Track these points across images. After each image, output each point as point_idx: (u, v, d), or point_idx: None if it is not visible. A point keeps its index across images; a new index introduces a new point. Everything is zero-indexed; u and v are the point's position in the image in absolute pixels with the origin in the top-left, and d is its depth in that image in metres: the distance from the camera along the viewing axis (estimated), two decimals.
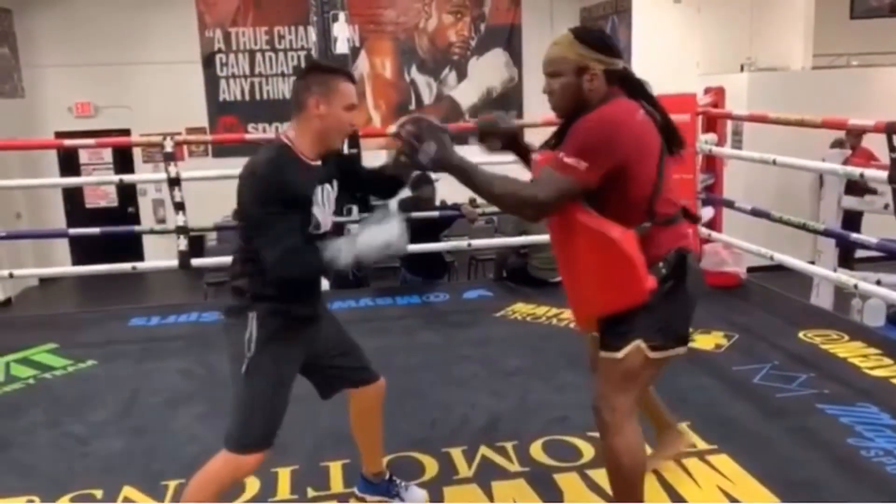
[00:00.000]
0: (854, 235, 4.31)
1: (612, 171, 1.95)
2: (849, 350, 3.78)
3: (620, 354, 2.05)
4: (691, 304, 2.10)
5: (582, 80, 2.02)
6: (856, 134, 7.08)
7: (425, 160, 2.01)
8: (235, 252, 2.23)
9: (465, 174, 2.02)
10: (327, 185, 2.21)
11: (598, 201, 1.99)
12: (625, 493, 2.12)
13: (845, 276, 4.44)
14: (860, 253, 6.90)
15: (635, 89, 2.06)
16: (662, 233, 2.04)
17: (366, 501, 2.59)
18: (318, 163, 2.18)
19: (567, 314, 4.56)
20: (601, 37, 2.08)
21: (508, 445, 2.90)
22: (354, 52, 9.99)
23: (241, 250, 2.20)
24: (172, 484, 2.73)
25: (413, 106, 11.20)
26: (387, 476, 2.59)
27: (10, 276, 5.31)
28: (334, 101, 2.11)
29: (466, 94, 11.40)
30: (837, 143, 7.13)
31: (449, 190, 3.68)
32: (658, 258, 2.02)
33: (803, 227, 4.38)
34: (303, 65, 10.66)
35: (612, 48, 2.05)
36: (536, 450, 2.86)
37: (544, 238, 5.15)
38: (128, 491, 2.70)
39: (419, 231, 5.59)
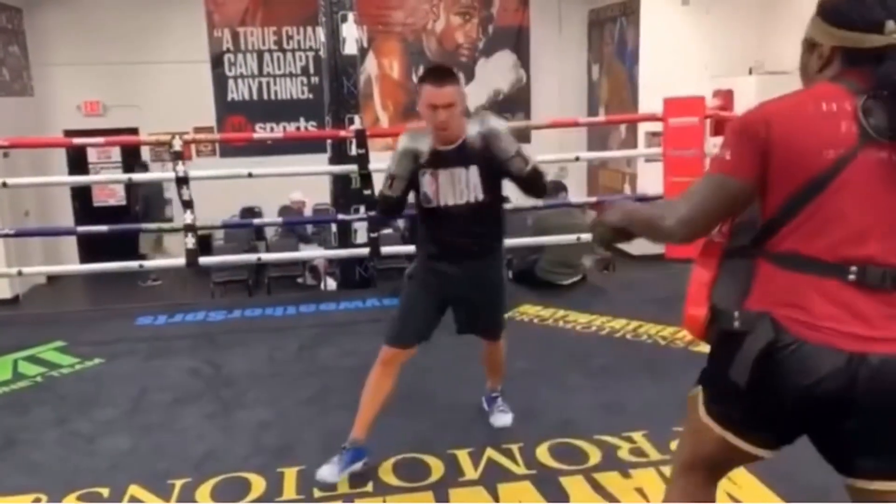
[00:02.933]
0: None
1: (763, 168, 1.47)
2: None
3: (691, 392, 1.66)
4: (768, 399, 1.49)
5: (811, 57, 1.58)
6: None
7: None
8: None
9: (624, 220, 1.72)
10: (456, 169, 2.65)
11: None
12: None
13: None
14: None
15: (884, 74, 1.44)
16: (777, 277, 1.49)
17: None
18: (447, 147, 2.64)
19: (573, 316, 4.56)
20: (839, 6, 1.51)
21: (514, 448, 2.89)
22: (362, 52, 10.01)
23: None
24: (179, 483, 2.73)
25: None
26: (494, 394, 3.23)
27: (19, 273, 5.34)
28: (421, 101, 2.62)
29: (474, 95, 11.37)
30: None
31: None
32: (746, 306, 1.51)
33: None
34: (310, 65, 10.71)
35: (856, 21, 1.47)
36: (542, 452, 2.85)
37: (553, 239, 5.15)
38: (134, 489, 2.70)
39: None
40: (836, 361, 1.41)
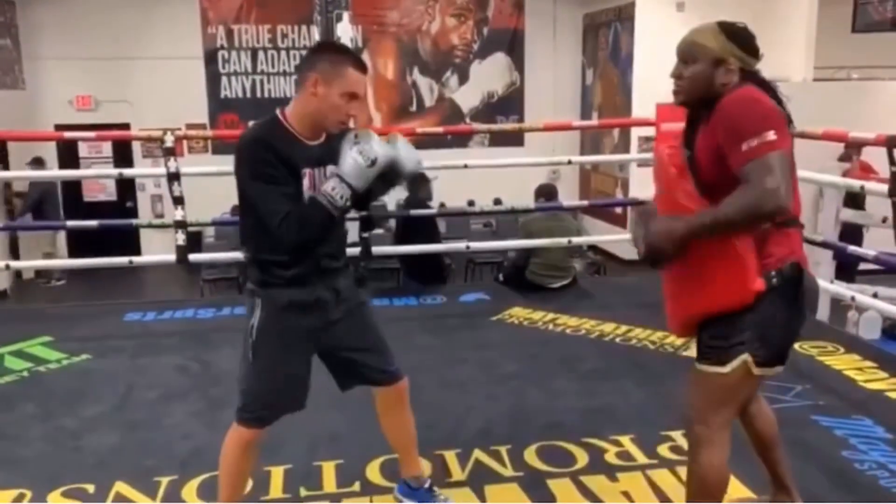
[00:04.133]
0: (851, 248, 4.31)
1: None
2: (844, 362, 3.78)
3: (727, 369, 1.91)
4: (799, 323, 1.98)
5: (717, 71, 1.92)
6: (855, 147, 7.09)
7: (648, 248, 1.92)
8: (242, 237, 2.23)
9: (696, 229, 1.84)
10: (330, 167, 2.11)
11: (719, 192, 1.83)
12: None
13: (842, 289, 4.44)
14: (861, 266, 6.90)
15: (766, 89, 1.94)
16: (778, 236, 1.91)
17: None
18: (314, 143, 2.13)
19: (563, 319, 4.57)
20: (746, 34, 1.97)
21: (503, 450, 2.89)
22: (357, 52, 10.00)
23: (244, 234, 2.19)
24: (165, 480, 2.72)
25: (414, 108, 11.21)
26: (427, 484, 2.53)
27: (7, 267, 5.30)
28: (334, 85, 2.04)
29: (468, 97, 11.41)
30: (846, 157, 7.12)
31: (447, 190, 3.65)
32: (770, 266, 1.90)
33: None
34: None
35: (754, 48, 1.96)
36: (531, 455, 2.85)
37: (544, 242, 5.16)
38: (120, 486, 2.69)
39: (416, 234, 5.60)
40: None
